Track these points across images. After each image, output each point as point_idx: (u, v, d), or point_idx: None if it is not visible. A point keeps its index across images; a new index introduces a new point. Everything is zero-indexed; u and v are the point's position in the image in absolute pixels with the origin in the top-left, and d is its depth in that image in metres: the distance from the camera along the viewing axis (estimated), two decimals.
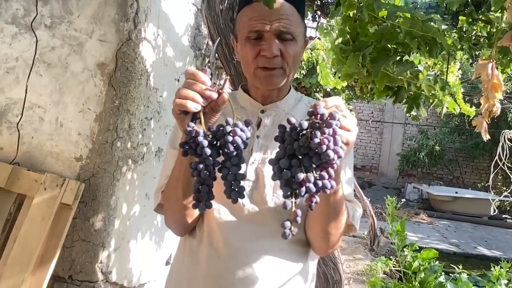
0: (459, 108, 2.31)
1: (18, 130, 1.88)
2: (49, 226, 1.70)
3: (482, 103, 1.26)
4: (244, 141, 0.73)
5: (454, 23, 1.68)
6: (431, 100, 1.72)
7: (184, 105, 0.75)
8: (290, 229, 0.69)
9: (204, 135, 0.74)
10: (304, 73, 5.04)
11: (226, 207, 0.97)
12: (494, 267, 2.50)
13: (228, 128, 0.73)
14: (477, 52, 1.88)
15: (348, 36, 1.60)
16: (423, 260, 2.40)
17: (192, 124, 0.75)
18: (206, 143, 0.73)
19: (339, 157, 0.65)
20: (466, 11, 1.65)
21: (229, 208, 0.97)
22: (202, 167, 0.74)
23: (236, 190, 0.74)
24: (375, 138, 12.72)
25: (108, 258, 1.95)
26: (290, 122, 0.68)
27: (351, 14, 1.54)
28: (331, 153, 0.64)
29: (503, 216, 9.71)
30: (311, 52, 4.90)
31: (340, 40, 1.70)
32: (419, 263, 2.38)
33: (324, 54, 4.34)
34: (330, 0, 2.25)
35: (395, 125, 12.13)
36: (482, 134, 1.36)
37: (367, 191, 10.76)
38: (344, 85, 3.52)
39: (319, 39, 4.68)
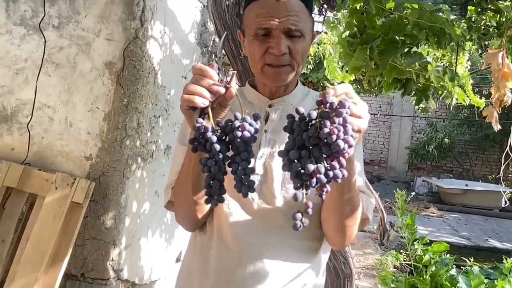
0: (469, 99, 2.28)
1: (29, 131, 1.90)
2: (60, 225, 1.72)
3: (492, 93, 1.25)
4: (253, 135, 0.73)
5: (462, 13, 1.66)
6: (440, 92, 1.70)
7: (192, 100, 0.75)
8: (301, 220, 0.68)
9: (213, 131, 0.73)
10: (311, 67, 5.02)
11: (235, 201, 0.98)
12: (506, 259, 2.48)
13: (237, 123, 0.73)
14: (486, 42, 1.86)
15: (355, 29, 1.59)
16: (434, 253, 2.38)
17: (200, 120, 0.75)
18: (215, 139, 0.73)
19: (349, 146, 0.63)
20: (475, 1, 1.62)
21: (238, 203, 0.97)
22: (212, 162, 0.73)
23: (246, 184, 0.74)
24: (384, 132, 12.65)
25: (119, 255, 1.96)
26: (298, 112, 0.66)
27: (358, 7, 1.53)
28: (341, 142, 0.62)
29: None
30: (318, 47, 4.88)
31: (347, 33, 1.68)
32: (430, 256, 2.36)
33: (331, 48, 4.32)
34: None
35: (404, 118, 12.05)
36: (493, 124, 1.35)
37: (376, 185, 10.72)
38: (352, 79, 3.50)
39: (325, 33, 4.66)
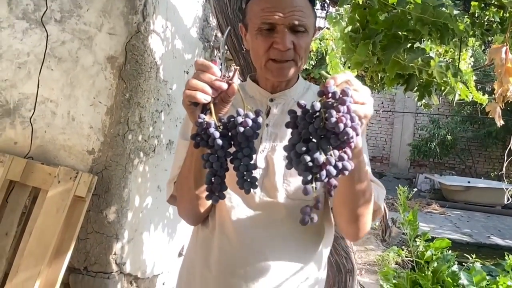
0: (471, 96, 2.27)
1: (31, 125, 1.91)
2: (63, 219, 1.73)
3: (495, 88, 1.24)
4: (255, 131, 0.73)
5: (466, 9, 1.66)
6: (442, 88, 1.69)
7: (194, 96, 0.75)
8: (309, 215, 0.67)
9: (215, 127, 0.73)
10: (313, 63, 5.01)
11: (237, 195, 0.98)
12: (508, 256, 2.48)
13: (239, 119, 0.73)
14: (489, 38, 1.85)
15: (357, 24, 1.59)
16: (435, 249, 2.38)
17: (203, 115, 0.75)
18: (217, 135, 0.73)
19: (357, 134, 0.62)
20: None
21: (240, 197, 0.98)
22: (214, 158, 0.74)
23: (248, 180, 0.74)
24: (386, 129, 12.62)
25: (122, 249, 1.97)
26: (301, 105, 0.66)
27: (360, 2, 1.52)
28: (350, 130, 0.61)
29: None
30: (320, 43, 4.87)
31: (349, 28, 1.68)
32: (432, 252, 2.36)
33: (333, 44, 4.31)
34: None
35: (406, 115, 12.02)
36: (496, 120, 1.34)
37: None
38: (354, 75, 3.49)
39: (328, 29, 4.64)
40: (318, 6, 2.17)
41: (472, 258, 3.15)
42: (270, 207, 0.97)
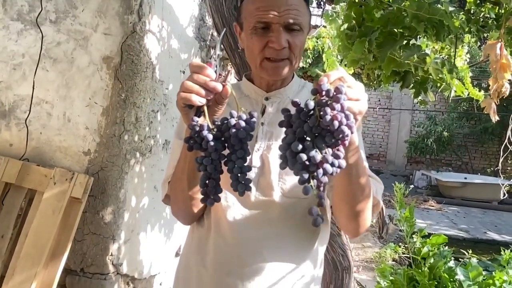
0: (467, 92, 2.28)
1: (27, 126, 1.90)
2: (59, 220, 1.72)
3: (490, 84, 1.25)
4: (248, 133, 0.72)
5: (461, 5, 1.66)
6: (438, 84, 1.70)
7: (189, 98, 0.75)
8: (318, 214, 0.67)
9: (208, 129, 0.73)
10: (310, 62, 5.01)
11: (233, 195, 0.98)
12: (504, 251, 2.49)
13: (233, 121, 0.72)
14: (485, 35, 1.86)
15: (353, 21, 1.59)
16: (432, 245, 2.39)
17: (196, 118, 0.74)
18: (210, 137, 0.72)
19: (352, 132, 0.62)
20: None
21: (236, 196, 0.97)
22: (208, 161, 0.73)
23: (242, 182, 0.74)
24: (383, 126, 12.64)
25: (119, 250, 1.97)
26: (295, 103, 0.65)
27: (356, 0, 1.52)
28: (345, 128, 0.61)
29: None
30: (317, 41, 4.86)
31: (345, 26, 1.68)
32: (428, 248, 2.36)
33: (330, 42, 4.31)
34: None
35: (403, 112, 12.04)
36: (491, 115, 1.35)
37: None
38: (351, 72, 3.49)
39: (324, 27, 4.64)
40: (315, 4, 2.17)
41: (468, 253, 3.16)
42: (266, 205, 0.96)
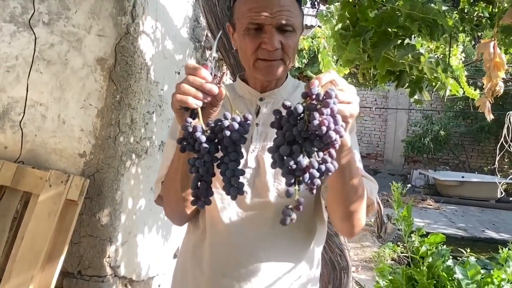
0: (462, 91, 2.28)
1: (21, 129, 1.89)
2: (55, 223, 1.72)
3: (485, 83, 1.25)
4: (242, 136, 0.72)
5: (455, 5, 1.66)
6: (433, 83, 1.70)
7: (185, 101, 0.74)
8: (289, 215, 0.67)
9: (202, 131, 0.72)
10: (306, 62, 5.01)
11: None
12: (502, 250, 2.49)
13: (226, 123, 0.71)
14: (479, 34, 1.86)
15: (348, 21, 1.59)
16: (430, 244, 2.39)
17: (190, 119, 0.74)
18: (204, 139, 0.71)
19: (341, 136, 0.62)
20: None
21: None
22: (201, 163, 0.72)
23: (235, 186, 0.73)
24: (380, 125, 12.67)
25: (116, 252, 1.96)
26: (285, 106, 0.65)
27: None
28: (332, 134, 0.60)
29: (511, 198, 9.67)
30: (312, 41, 4.86)
31: (340, 26, 1.68)
32: (427, 247, 2.37)
33: (325, 42, 4.31)
34: None
35: (400, 111, 12.07)
36: (486, 114, 1.35)
37: None
38: (346, 72, 3.49)
39: (319, 27, 4.64)
40: (309, 4, 2.17)
41: (466, 252, 3.16)
42: (261, 206, 0.96)
